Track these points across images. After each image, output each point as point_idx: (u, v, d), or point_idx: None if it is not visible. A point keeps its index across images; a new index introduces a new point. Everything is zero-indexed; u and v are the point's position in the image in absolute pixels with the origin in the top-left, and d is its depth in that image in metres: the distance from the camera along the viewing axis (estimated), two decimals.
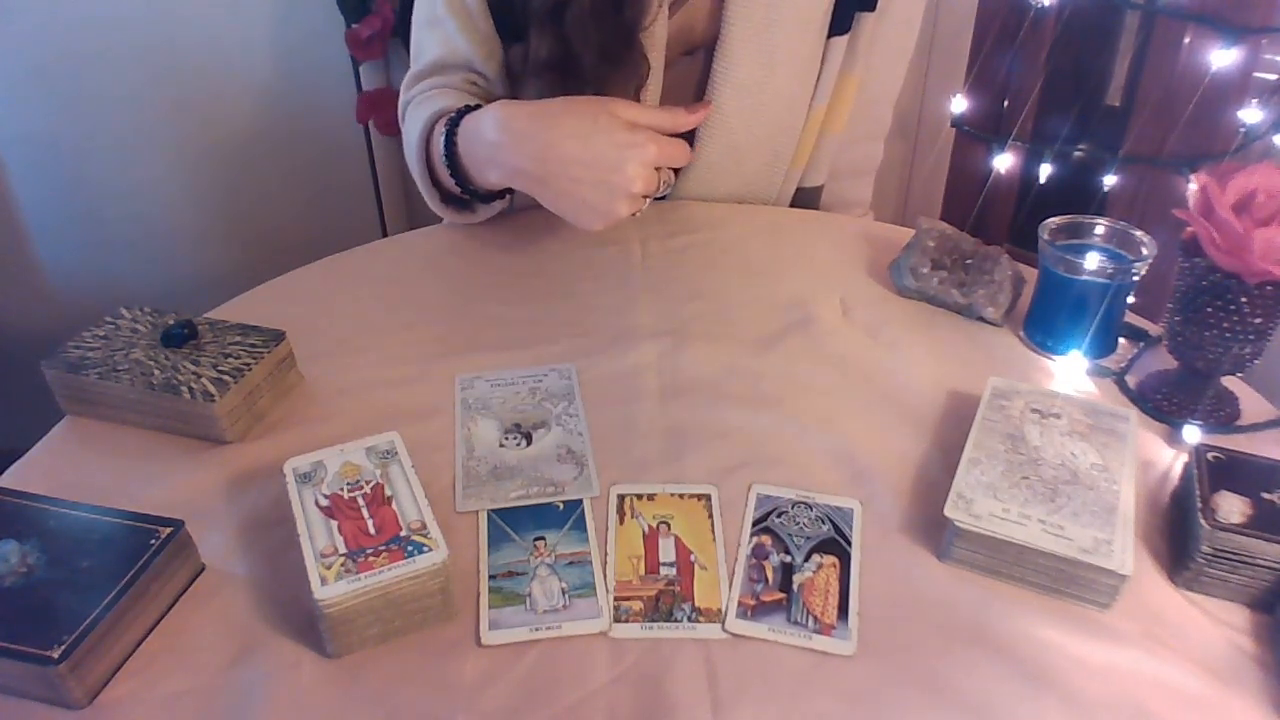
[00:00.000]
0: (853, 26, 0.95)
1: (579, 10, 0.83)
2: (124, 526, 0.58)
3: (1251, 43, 1.19)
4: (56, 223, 1.57)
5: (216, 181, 1.58)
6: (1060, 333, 0.79)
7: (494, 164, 0.81)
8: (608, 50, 0.86)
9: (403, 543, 0.55)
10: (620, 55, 0.87)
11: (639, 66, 0.88)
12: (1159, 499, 0.66)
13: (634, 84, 0.89)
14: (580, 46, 0.85)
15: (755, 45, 0.91)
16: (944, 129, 1.50)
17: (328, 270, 0.91)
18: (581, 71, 0.86)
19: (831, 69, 0.96)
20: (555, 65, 0.86)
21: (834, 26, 0.94)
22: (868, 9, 0.94)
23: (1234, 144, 1.23)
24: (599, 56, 0.86)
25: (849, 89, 0.99)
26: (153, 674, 0.54)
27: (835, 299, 0.87)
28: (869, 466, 0.68)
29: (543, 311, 0.85)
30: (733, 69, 0.92)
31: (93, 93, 1.46)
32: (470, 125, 0.83)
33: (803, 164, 1.03)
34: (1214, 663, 0.55)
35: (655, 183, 0.78)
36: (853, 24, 0.94)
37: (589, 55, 0.85)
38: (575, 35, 0.84)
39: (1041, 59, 1.39)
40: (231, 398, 0.68)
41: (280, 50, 1.47)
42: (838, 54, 0.95)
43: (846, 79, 0.98)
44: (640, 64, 0.88)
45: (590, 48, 0.85)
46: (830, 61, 0.96)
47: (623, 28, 0.86)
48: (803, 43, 0.93)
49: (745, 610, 0.58)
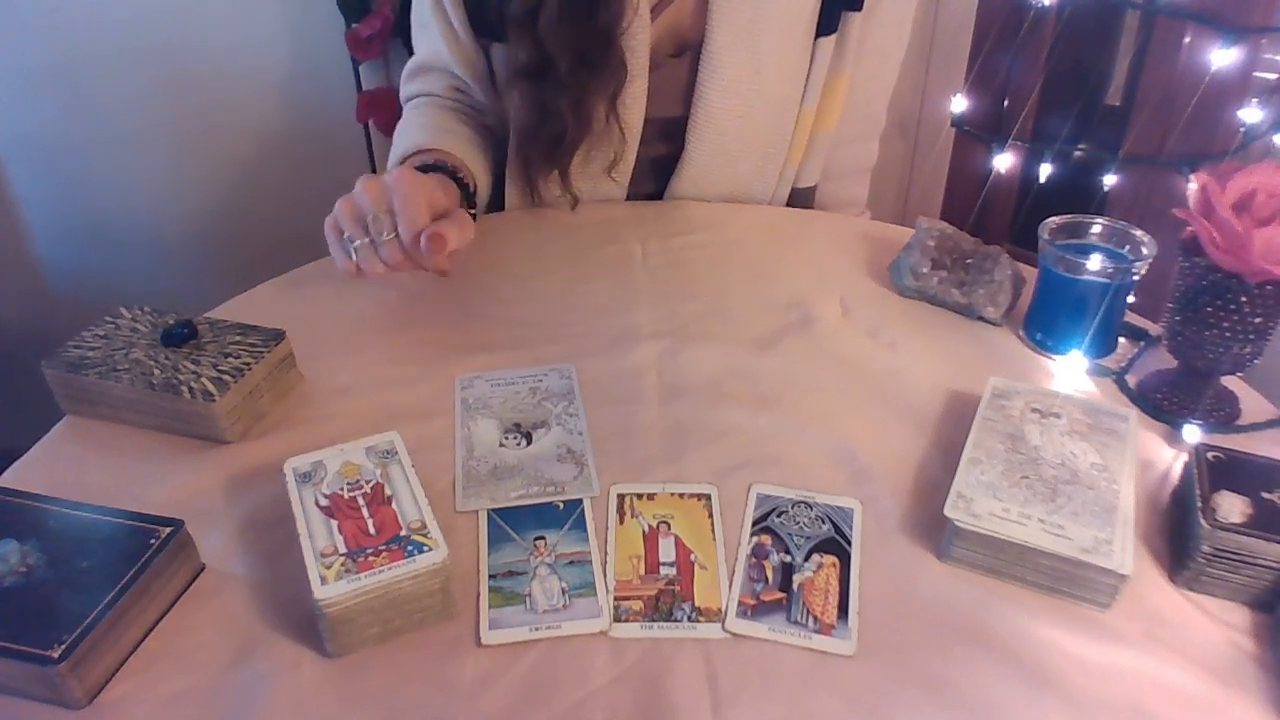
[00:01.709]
0: (840, 26, 0.94)
1: (549, 15, 0.83)
2: (124, 526, 0.58)
3: (1251, 43, 1.19)
4: (56, 223, 1.57)
5: (217, 181, 1.58)
6: (1060, 332, 0.79)
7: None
8: (585, 54, 0.86)
9: (403, 542, 0.55)
10: (597, 59, 0.87)
11: (617, 70, 0.88)
12: (1159, 499, 0.66)
13: (613, 87, 0.89)
14: (556, 51, 0.85)
15: (741, 46, 0.91)
16: (944, 129, 1.50)
17: (328, 270, 0.91)
18: (558, 76, 0.86)
19: (820, 69, 0.96)
20: (532, 71, 0.87)
21: (821, 26, 0.94)
22: (854, 9, 0.94)
23: (1234, 144, 1.23)
24: (576, 61, 0.86)
25: (839, 88, 0.99)
26: (153, 674, 0.54)
27: (835, 299, 0.87)
28: (869, 466, 0.68)
29: (543, 311, 0.85)
30: (719, 70, 0.92)
31: (93, 93, 1.46)
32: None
33: (796, 164, 1.03)
34: (1214, 663, 0.55)
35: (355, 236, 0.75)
36: (840, 23, 0.94)
37: (565, 60, 0.85)
38: (549, 39, 0.85)
39: (1041, 59, 1.39)
40: (231, 397, 0.68)
41: (280, 50, 1.47)
42: (826, 54, 0.95)
43: (836, 78, 0.98)
44: (619, 68, 0.88)
45: (566, 52, 0.85)
46: (818, 61, 0.96)
47: (598, 31, 0.86)
48: (790, 43, 0.93)
49: (745, 610, 0.58)
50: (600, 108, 0.90)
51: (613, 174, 0.96)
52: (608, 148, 0.94)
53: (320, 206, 0.78)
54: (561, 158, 0.93)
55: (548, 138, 0.91)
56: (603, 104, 0.90)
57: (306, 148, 1.55)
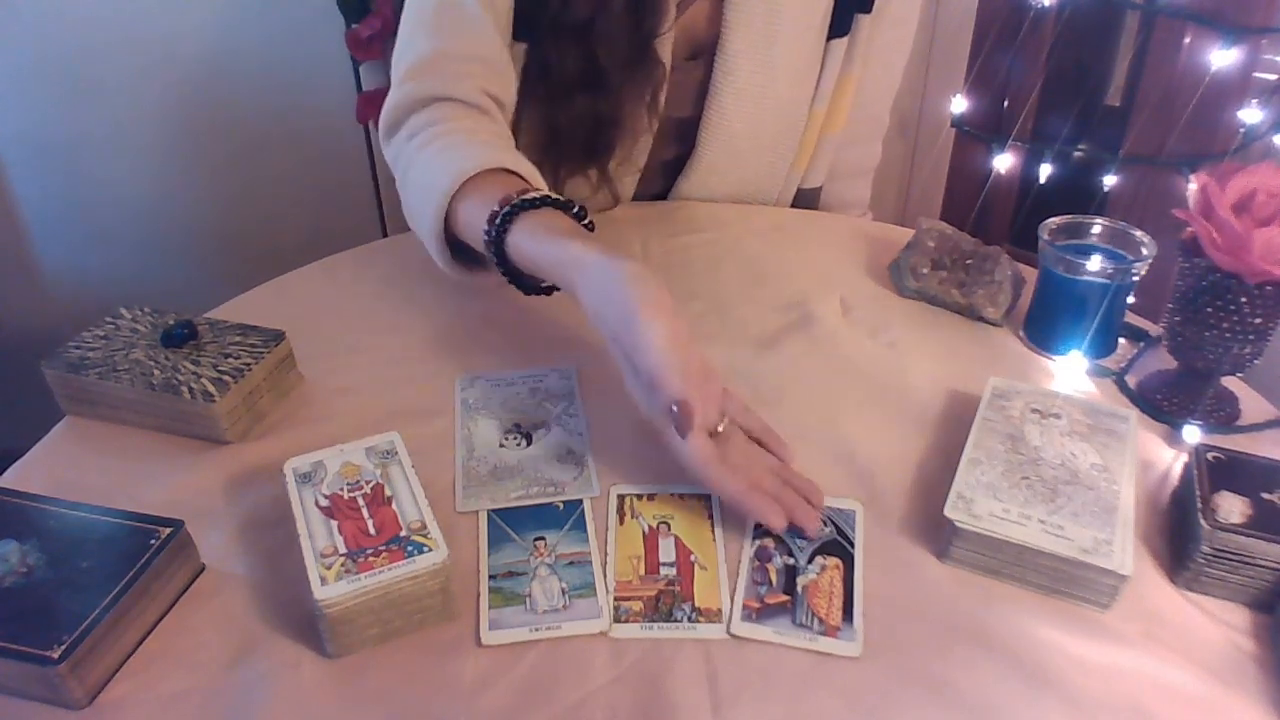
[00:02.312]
0: (852, 28, 0.95)
1: (605, 23, 0.83)
2: (124, 526, 0.58)
3: (1251, 43, 1.19)
4: (56, 222, 1.57)
5: (217, 181, 1.58)
6: (1060, 333, 0.79)
7: (584, 290, 0.65)
8: (629, 60, 0.86)
9: (403, 543, 0.55)
10: (639, 63, 0.87)
11: (654, 71, 0.88)
12: (1159, 499, 0.66)
13: (649, 88, 0.89)
14: (606, 59, 0.85)
15: (756, 50, 0.91)
16: (944, 129, 1.50)
17: (328, 270, 0.91)
18: (606, 83, 0.86)
19: (831, 71, 0.96)
20: (583, 80, 0.86)
21: (833, 29, 0.94)
22: (865, 10, 0.94)
23: (1234, 144, 1.23)
24: (623, 67, 0.86)
25: (848, 90, 0.99)
26: (153, 674, 0.54)
27: (835, 299, 0.87)
28: (869, 466, 0.68)
29: (543, 312, 0.85)
30: (733, 74, 0.92)
31: (93, 93, 1.46)
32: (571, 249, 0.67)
33: (803, 166, 1.03)
34: (1214, 663, 0.55)
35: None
36: (852, 26, 0.95)
37: (614, 67, 0.85)
38: (602, 48, 0.84)
39: (1041, 59, 1.39)
40: (231, 398, 0.68)
41: (280, 50, 1.47)
42: (837, 56, 0.96)
43: (846, 80, 0.98)
44: (655, 68, 0.88)
45: (615, 58, 0.85)
46: (830, 64, 0.96)
47: (642, 36, 0.86)
48: (802, 46, 0.93)
49: (750, 613, 0.58)
50: (639, 109, 0.90)
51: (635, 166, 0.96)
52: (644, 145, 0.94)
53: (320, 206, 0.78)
54: (602, 159, 0.92)
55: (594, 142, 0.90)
56: (642, 105, 0.90)
57: (306, 148, 1.55)
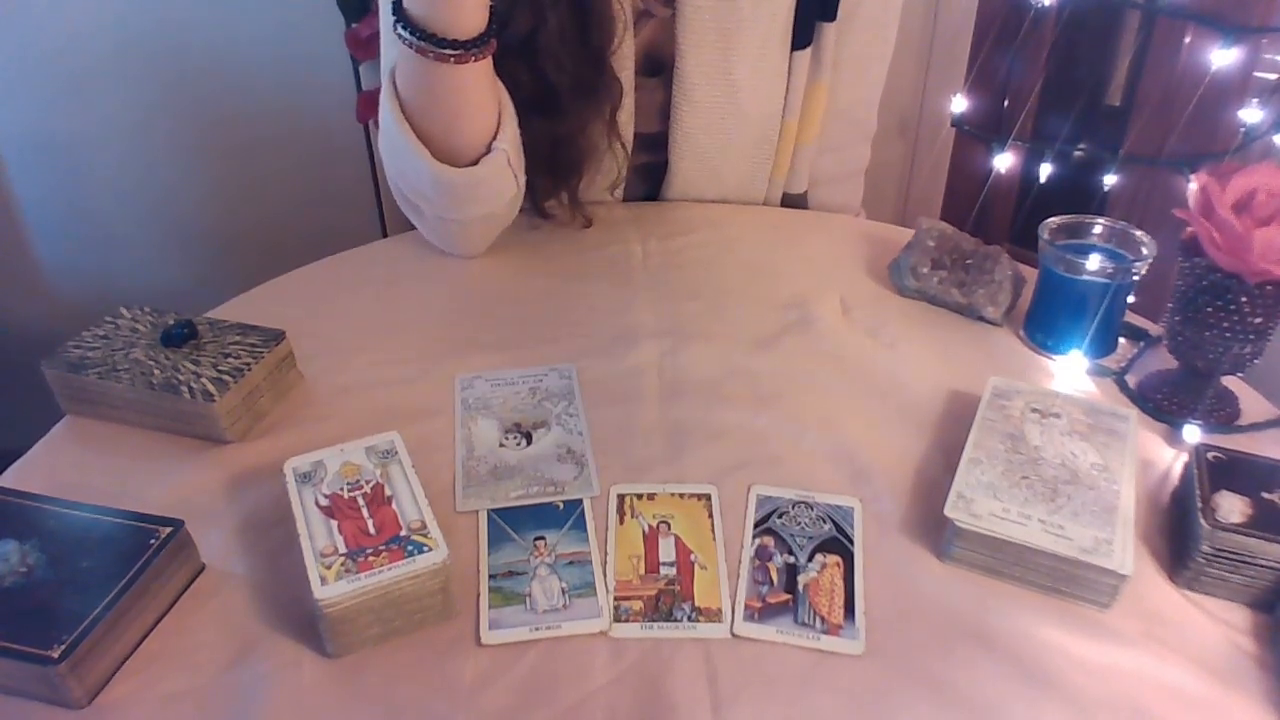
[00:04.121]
0: (814, 38, 0.93)
1: (549, 39, 0.82)
2: (124, 526, 0.58)
3: (1251, 43, 1.19)
4: (56, 222, 1.57)
5: (216, 181, 1.58)
6: (1060, 333, 0.79)
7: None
8: (581, 78, 0.86)
9: (403, 542, 0.55)
10: (593, 81, 0.86)
11: (612, 89, 0.88)
12: (1159, 499, 0.66)
13: (609, 106, 0.89)
14: (555, 76, 0.84)
15: (712, 67, 0.91)
16: (944, 129, 1.50)
17: (328, 270, 0.91)
18: (560, 103, 0.85)
19: (798, 82, 0.95)
20: (536, 103, 0.85)
21: (796, 40, 0.93)
22: (828, 19, 0.93)
23: (1234, 144, 1.23)
24: (574, 86, 0.85)
25: (819, 99, 0.98)
26: (153, 674, 0.54)
27: (835, 299, 0.87)
28: (869, 466, 0.68)
29: (542, 311, 0.85)
30: (691, 92, 0.92)
31: (93, 93, 1.46)
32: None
33: (784, 174, 1.02)
34: (1214, 663, 0.55)
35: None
36: (814, 35, 0.93)
37: (565, 86, 0.85)
38: (549, 65, 0.84)
39: (1041, 59, 1.39)
40: (231, 398, 0.68)
41: (280, 50, 1.47)
42: (803, 66, 0.94)
43: (815, 89, 0.97)
44: (613, 86, 0.88)
45: (565, 77, 0.84)
46: (796, 75, 0.94)
47: (591, 53, 0.85)
48: (765, 60, 0.92)
49: (752, 613, 0.58)
50: (600, 129, 0.90)
51: (613, 192, 0.97)
52: (610, 166, 0.94)
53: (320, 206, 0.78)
54: (569, 181, 0.92)
55: (556, 164, 0.90)
56: (602, 124, 0.90)
57: (306, 148, 1.55)
